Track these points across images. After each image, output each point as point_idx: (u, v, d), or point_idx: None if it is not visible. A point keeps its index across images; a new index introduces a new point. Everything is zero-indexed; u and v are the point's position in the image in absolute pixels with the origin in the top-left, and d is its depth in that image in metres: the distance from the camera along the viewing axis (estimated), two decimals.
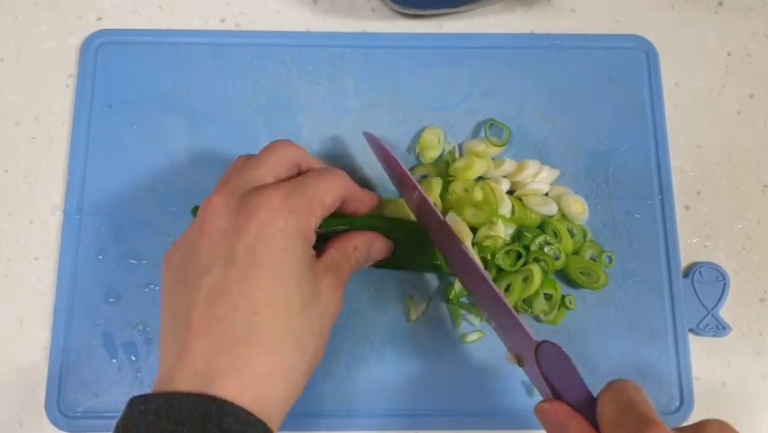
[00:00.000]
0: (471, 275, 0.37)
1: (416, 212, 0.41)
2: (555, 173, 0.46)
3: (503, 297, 0.34)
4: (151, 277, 0.44)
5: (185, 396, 0.28)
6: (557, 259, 0.42)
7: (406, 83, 0.48)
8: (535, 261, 0.42)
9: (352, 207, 0.38)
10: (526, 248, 0.42)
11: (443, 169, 0.45)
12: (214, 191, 0.34)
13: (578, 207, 0.44)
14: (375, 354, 0.43)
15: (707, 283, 0.45)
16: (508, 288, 0.41)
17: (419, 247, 0.42)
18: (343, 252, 0.37)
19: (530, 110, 0.48)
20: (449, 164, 0.45)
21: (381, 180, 0.45)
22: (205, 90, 0.47)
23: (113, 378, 0.42)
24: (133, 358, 0.42)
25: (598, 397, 0.29)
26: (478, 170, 0.43)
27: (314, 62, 0.48)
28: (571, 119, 0.47)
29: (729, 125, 0.49)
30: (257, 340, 0.30)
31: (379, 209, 0.42)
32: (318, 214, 0.34)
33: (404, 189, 0.41)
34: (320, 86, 0.48)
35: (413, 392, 0.42)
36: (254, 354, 0.30)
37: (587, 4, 0.51)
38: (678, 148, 0.48)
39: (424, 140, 0.46)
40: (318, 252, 0.36)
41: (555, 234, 0.43)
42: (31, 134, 0.47)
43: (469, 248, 0.40)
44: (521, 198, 0.44)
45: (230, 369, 0.29)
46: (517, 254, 0.42)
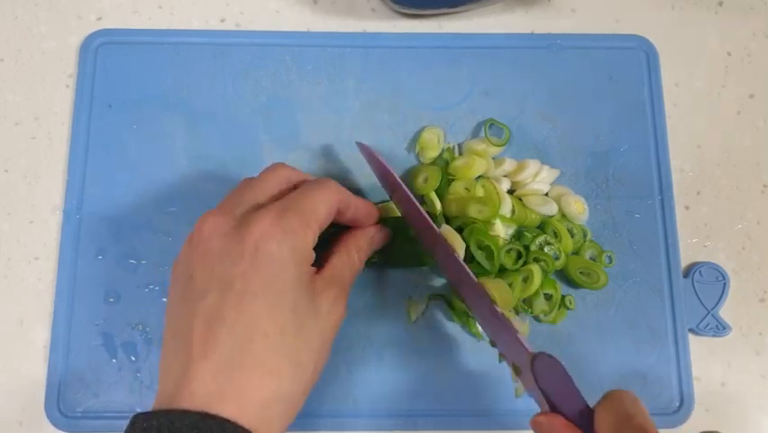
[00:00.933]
0: (468, 288, 0.37)
1: (411, 224, 0.41)
2: (555, 173, 0.46)
3: (499, 310, 0.34)
4: (151, 277, 0.44)
5: (186, 414, 0.29)
6: (557, 259, 0.42)
7: (406, 83, 0.48)
8: (535, 261, 0.42)
9: (349, 216, 0.37)
10: (526, 248, 0.42)
11: (442, 168, 0.45)
12: (209, 211, 0.34)
13: (578, 207, 0.44)
14: (375, 354, 0.43)
15: (707, 283, 0.45)
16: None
17: (413, 245, 0.42)
18: (347, 257, 0.37)
19: (530, 110, 0.48)
20: (448, 163, 0.45)
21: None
22: (205, 90, 0.47)
23: (112, 378, 0.42)
24: (133, 358, 0.42)
25: (595, 409, 0.29)
26: (478, 169, 0.43)
27: (314, 62, 0.48)
28: (571, 119, 0.47)
29: (729, 125, 0.49)
30: (253, 365, 0.31)
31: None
32: (315, 228, 0.34)
33: (400, 204, 0.41)
34: (320, 86, 0.48)
35: (413, 393, 0.42)
36: (250, 378, 0.31)
37: (587, 4, 0.51)
38: (678, 148, 0.48)
39: (423, 140, 0.46)
40: (320, 258, 0.35)
41: (555, 234, 0.43)
42: (31, 134, 0.47)
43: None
44: (521, 198, 0.44)
45: (228, 393, 0.30)
46: (517, 254, 0.42)
